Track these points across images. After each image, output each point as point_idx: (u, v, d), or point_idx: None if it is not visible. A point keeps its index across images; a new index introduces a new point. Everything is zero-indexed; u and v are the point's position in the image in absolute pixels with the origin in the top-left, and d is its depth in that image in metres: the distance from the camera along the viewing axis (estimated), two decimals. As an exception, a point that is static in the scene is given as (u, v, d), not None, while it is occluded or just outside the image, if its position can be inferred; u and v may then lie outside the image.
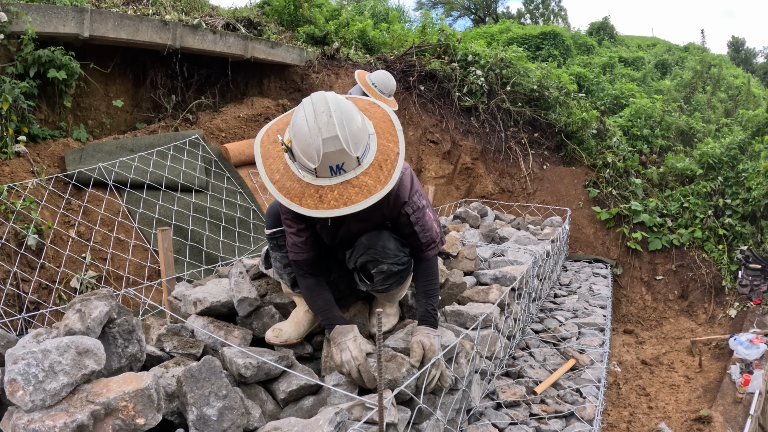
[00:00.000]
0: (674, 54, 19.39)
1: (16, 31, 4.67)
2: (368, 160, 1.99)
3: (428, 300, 2.34)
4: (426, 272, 2.38)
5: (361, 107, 2.16)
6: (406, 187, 2.23)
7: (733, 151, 7.30)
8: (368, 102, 2.23)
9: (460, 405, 2.54)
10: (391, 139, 2.07)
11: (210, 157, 5.70)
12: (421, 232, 2.30)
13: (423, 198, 2.33)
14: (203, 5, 7.62)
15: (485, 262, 4.00)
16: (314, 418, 1.70)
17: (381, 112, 2.16)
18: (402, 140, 2.08)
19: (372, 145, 2.02)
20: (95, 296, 1.83)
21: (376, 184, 1.96)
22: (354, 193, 1.94)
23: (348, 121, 1.91)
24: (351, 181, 1.95)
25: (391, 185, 1.97)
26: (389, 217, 2.30)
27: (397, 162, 2.01)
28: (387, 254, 2.25)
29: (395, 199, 2.21)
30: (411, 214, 2.25)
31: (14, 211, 4.03)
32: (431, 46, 8.66)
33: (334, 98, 1.96)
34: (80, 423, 1.43)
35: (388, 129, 2.10)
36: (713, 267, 6.55)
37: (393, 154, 2.03)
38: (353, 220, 2.23)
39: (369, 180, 1.96)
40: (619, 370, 4.76)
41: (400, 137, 2.08)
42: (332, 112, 1.89)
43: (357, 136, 1.93)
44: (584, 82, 11.30)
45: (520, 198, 7.60)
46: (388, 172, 1.99)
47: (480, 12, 26.71)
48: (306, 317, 2.48)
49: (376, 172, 1.98)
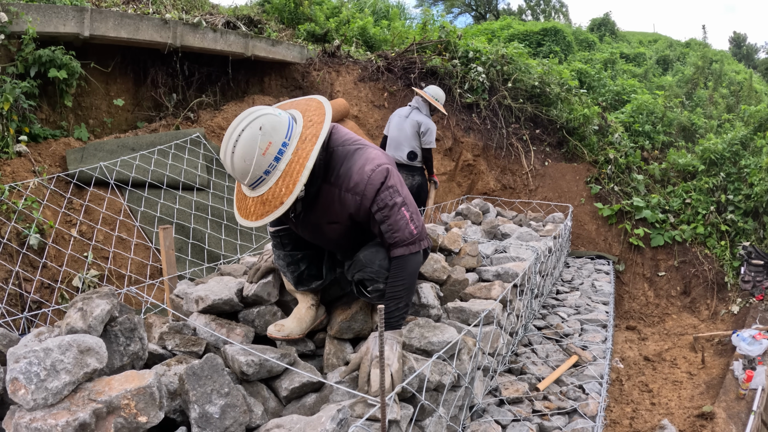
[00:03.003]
0: (676, 50, 19.33)
1: (17, 31, 4.67)
2: (259, 191, 2.02)
3: (387, 303, 2.17)
4: (393, 272, 2.22)
5: (304, 137, 2.04)
6: (374, 187, 2.13)
7: (735, 146, 7.29)
8: (314, 134, 2.06)
9: (463, 402, 2.54)
10: (287, 185, 1.98)
11: (211, 155, 5.70)
12: (388, 231, 2.18)
13: (397, 195, 2.18)
14: (203, 4, 7.61)
15: (487, 259, 3.99)
16: (316, 416, 1.70)
17: (307, 152, 2.01)
18: (296, 191, 1.97)
19: (270, 180, 2.00)
20: (97, 295, 1.82)
21: (253, 214, 2.04)
22: (264, 210, 2.01)
23: (238, 154, 1.95)
24: (263, 196, 2.02)
25: (259, 223, 2.01)
26: (359, 220, 2.23)
27: (276, 210, 1.98)
28: (383, 274, 2.23)
29: (362, 200, 2.14)
30: (376, 212, 2.16)
31: (16, 211, 4.04)
32: (432, 43, 8.64)
33: (241, 126, 1.97)
34: (82, 421, 1.43)
35: (294, 174, 1.98)
36: (716, 263, 6.54)
37: (278, 201, 1.98)
38: (322, 221, 2.27)
39: (252, 207, 2.05)
40: (621, 367, 4.76)
41: (295, 188, 1.97)
42: (229, 140, 1.98)
43: (242, 169, 1.97)
44: (585, 78, 11.27)
45: (522, 194, 7.59)
46: (266, 211, 2.01)
47: (481, 9, 26.65)
48: (308, 314, 2.48)
49: (258, 206, 2.04)
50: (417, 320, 2.52)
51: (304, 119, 2.10)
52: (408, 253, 2.21)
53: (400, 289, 2.20)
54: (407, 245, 2.20)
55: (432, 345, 2.33)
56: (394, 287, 2.20)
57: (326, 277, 2.56)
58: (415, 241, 2.22)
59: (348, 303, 2.61)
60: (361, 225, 2.27)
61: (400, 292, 2.20)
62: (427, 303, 2.70)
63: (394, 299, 2.18)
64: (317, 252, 2.54)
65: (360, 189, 2.13)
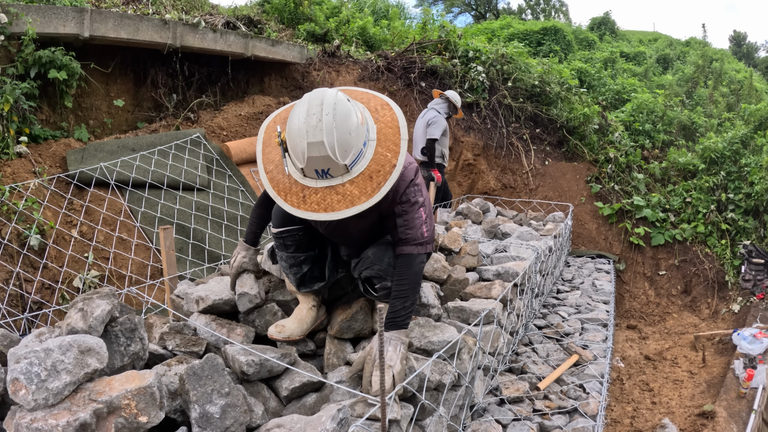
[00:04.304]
0: (676, 49, 19.32)
1: (17, 32, 4.67)
2: (359, 167, 1.91)
3: (392, 302, 2.17)
4: (398, 270, 2.21)
5: (372, 108, 2.07)
6: (405, 182, 2.14)
7: (735, 145, 7.28)
8: (382, 103, 2.12)
9: (463, 401, 2.54)
10: (391, 148, 1.96)
11: (211, 155, 5.70)
12: (402, 227, 2.17)
13: (420, 194, 2.21)
14: (203, 4, 7.61)
15: (487, 258, 3.99)
16: (317, 415, 1.70)
17: (390, 116, 2.05)
18: (403, 150, 1.97)
19: (368, 152, 1.94)
20: (97, 295, 1.83)
21: (361, 196, 1.88)
22: (336, 200, 1.87)
23: (340, 126, 1.83)
24: (336, 188, 1.88)
25: (376, 199, 1.88)
26: (386, 214, 2.23)
27: (391, 175, 1.91)
28: (391, 272, 2.22)
29: (393, 196, 2.13)
30: (398, 205, 2.16)
31: (16, 212, 4.04)
32: (432, 43, 8.64)
33: (331, 99, 1.87)
34: (83, 421, 1.44)
35: (391, 136, 1.99)
36: (716, 262, 6.53)
37: (388, 165, 1.93)
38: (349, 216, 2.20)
39: (355, 190, 1.88)
40: (622, 366, 4.76)
41: (402, 147, 1.97)
42: (323, 115, 1.81)
43: (346, 143, 1.85)
44: (586, 77, 11.27)
45: (522, 194, 7.59)
46: (378, 184, 1.90)
47: (481, 8, 26.64)
48: (309, 315, 2.48)
49: (364, 183, 1.89)
50: (417, 319, 2.53)
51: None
52: (415, 252, 2.21)
53: (406, 287, 2.19)
54: (416, 245, 2.21)
55: (432, 344, 2.33)
56: (401, 285, 2.19)
57: (329, 279, 2.56)
58: (423, 243, 2.23)
59: (348, 303, 2.61)
60: (385, 222, 2.25)
61: (406, 290, 2.19)
62: (427, 302, 2.70)
63: (400, 298, 2.18)
64: (320, 254, 2.53)
65: (392, 189, 2.11)
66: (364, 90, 2.19)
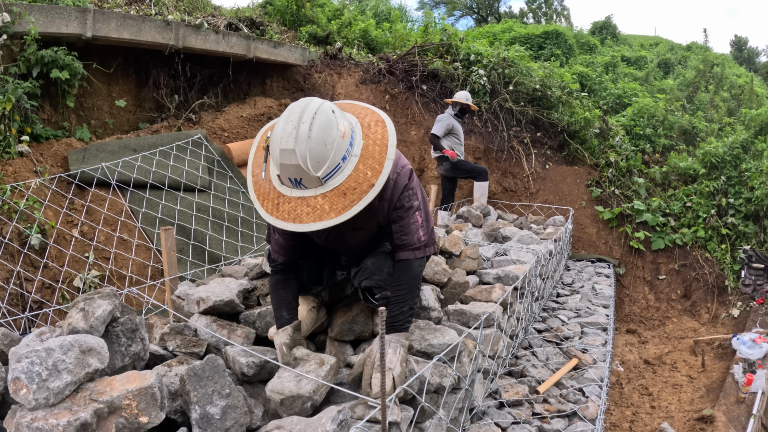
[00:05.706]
0: (677, 53, 19.33)
1: (19, 32, 4.68)
2: (335, 182, 1.85)
3: (391, 306, 2.15)
4: (396, 275, 2.21)
5: (366, 123, 2.01)
6: (399, 189, 2.12)
7: (736, 150, 7.28)
8: (378, 120, 2.05)
9: (463, 404, 2.54)
10: (373, 167, 1.89)
11: (213, 156, 5.71)
12: (398, 232, 2.17)
13: (415, 198, 2.19)
14: (206, 5, 7.63)
15: (488, 262, 3.99)
16: (317, 417, 1.70)
17: (381, 134, 1.98)
18: (386, 171, 1.89)
19: (347, 168, 1.88)
20: (99, 295, 1.83)
21: (331, 211, 1.82)
22: (305, 212, 1.84)
23: (315, 137, 1.78)
24: (308, 199, 1.84)
25: (346, 217, 1.83)
26: (384, 223, 2.22)
27: (367, 194, 1.85)
28: (391, 282, 2.22)
29: (388, 206, 2.12)
30: (393, 211, 2.14)
31: (17, 211, 4.05)
32: (433, 46, 8.65)
33: (312, 108, 1.83)
34: (83, 421, 1.44)
35: (376, 155, 1.92)
36: (716, 266, 6.53)
37: (366, 184, 1.86)
38: (345, 226, 2.05)
39: (326, 204, 1.83)
40: (621, 370, 4.76)
41: (385, 167, 1.89)
42: (300, 124, 1.78)
43: (320, 155, 1.79)
44: (587, 81, 11.27)
45: (522, 197, 7.59)
46: (350, 202, 1.84)
47: (482, 11, 26.69)
48: (308, 316, 2.48)
49: (336, 198, 1.84)
50: (417, 322, 2.53)
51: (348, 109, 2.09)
52: (412, 257, 2.21)
53: (404, 292, 2.19)
54: (413, 250, 2.20)
55: (432, 347, 2.33)
56: (398, 291, 2.19)
57: (326, 282, 2.57)
58: (421, 247, 2.22)
59: (349, 305, 2.62)
60: (384, 230, 2.24)
61: (404, 295, 2.19)
62: (427, 305, 2.71)
63: (398, 303, 2.18)
64: (317, 258, 2.54)
65: (387, 194, 2.11)
66: (366, 105, 2.15)
